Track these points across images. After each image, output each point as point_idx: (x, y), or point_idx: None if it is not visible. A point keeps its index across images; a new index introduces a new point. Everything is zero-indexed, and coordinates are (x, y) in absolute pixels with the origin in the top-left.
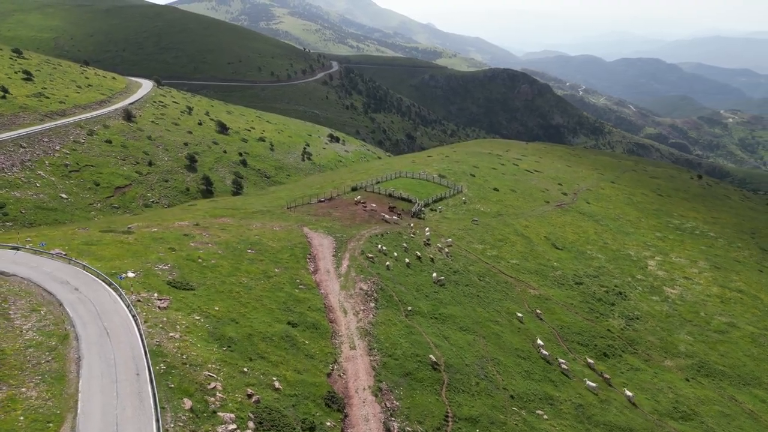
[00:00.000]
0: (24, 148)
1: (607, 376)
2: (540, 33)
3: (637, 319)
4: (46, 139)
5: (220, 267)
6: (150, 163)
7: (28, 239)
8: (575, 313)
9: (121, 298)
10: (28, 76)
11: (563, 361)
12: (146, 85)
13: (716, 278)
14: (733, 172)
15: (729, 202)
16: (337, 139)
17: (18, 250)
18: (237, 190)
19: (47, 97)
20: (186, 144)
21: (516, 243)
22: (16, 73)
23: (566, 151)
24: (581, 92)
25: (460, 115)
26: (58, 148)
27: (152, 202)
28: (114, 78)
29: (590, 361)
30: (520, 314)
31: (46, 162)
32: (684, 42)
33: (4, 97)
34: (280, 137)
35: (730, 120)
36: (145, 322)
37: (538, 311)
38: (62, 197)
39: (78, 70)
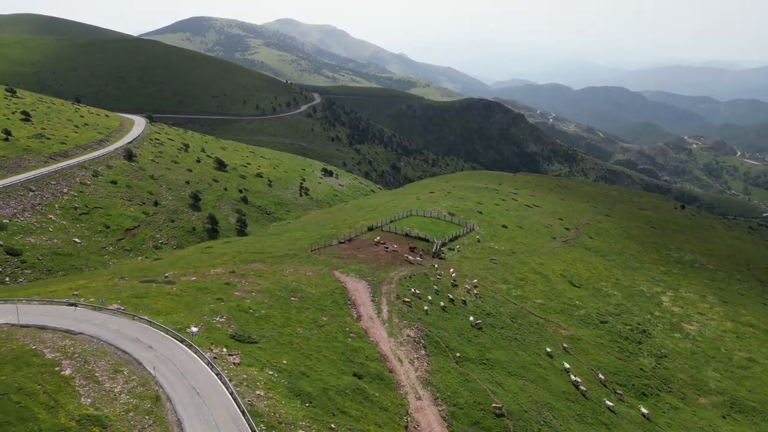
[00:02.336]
0: (33, 191)
1: (620, 392)
2: (508, 62)
3: (665, 357)
4: (53, 182)
5: (273, 317)
6: (155, 203)
7: (75, 293)
8: (607, 353)
9: (197, 355)
10: (26, 117)
11: (579, 380)
12: (139, 122)
13: (727, 313)
14: (701, 197)
15: (716, 232)
16: (331, 173)
17: (76, 306)
18: (242, 228)
19: (48, 138)
20: (187, 182)
21: (536, 282)
22: (13, 113)
23: (554, 182)
24: (551, 120)
25: (437, 144)
26: (65, 190)
27: (161, 243)
28: (107, 116)
29: (601, 376)
30: (548, 349)
31: (56, 205)
32: (645, 71)
33: (6, 139)
34: (276, 173)
35: (694, 146)
36: (230, 380)
37: (565, 345)
38: (75, 242)
39: (71, 108)
